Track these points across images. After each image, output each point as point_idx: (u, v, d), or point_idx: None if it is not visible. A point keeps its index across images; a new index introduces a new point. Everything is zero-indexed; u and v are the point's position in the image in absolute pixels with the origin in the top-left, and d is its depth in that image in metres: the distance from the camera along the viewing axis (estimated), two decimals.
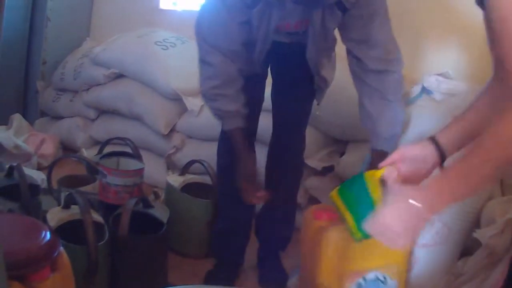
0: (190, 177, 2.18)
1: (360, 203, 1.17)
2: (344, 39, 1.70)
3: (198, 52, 1.74)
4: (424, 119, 1.82)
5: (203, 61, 1.73)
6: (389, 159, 1.18)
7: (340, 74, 1.91)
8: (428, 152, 1.15)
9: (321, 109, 2.04)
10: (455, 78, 1.98)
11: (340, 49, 1.78)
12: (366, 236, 1.08)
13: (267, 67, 1.90)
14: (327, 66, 1.82)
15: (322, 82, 1.84)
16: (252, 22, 1.67)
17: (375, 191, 1.16)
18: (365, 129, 1.74)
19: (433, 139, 1.16)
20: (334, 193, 1.23)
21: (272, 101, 1.95)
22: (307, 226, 1.60)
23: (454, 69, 2.01)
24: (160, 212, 1.83)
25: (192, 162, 2.21)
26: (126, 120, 2.88)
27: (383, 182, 1.14)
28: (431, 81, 1.90)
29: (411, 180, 1.15)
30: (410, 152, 1.17)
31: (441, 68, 1.99)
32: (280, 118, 1.95)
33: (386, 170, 1.15)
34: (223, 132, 1.85)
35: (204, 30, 1.71)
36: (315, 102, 1.93)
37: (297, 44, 1.75)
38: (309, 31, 1.66)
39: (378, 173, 1.16)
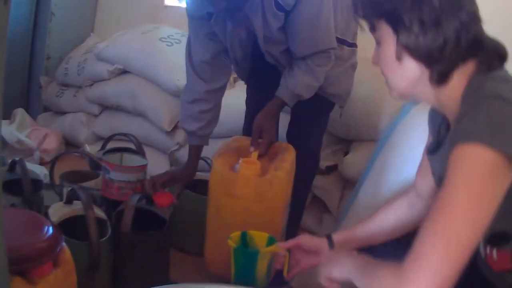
0: None
1: (245, 271, 1.31)
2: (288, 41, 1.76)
3: None
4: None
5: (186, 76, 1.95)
6: (287, 244, 1.33)
7: None
8: (322, 248, 1.31)
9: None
10: None
11: None
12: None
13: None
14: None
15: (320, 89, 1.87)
16: (216, 33, 1.80)
17: (261, 267, 1.30)
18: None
19: (329, 237, 1.32)
20: (231, 244, 1.32)
21: None
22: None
23: None
24: (163, 209, 1.82)
25: None
26: (130, 116, 2.87)
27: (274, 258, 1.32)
28: None
29: (300, 265, 1.33)
30: (306, 243, 1.32)
31: None
32: (293, 121, 2.00)
33: (280, 252, 1.31)
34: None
35: (186, 46, 1.91)
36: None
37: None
38: (256, 32, 1.74)
39: (270, 253, 1.31)
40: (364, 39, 1.98)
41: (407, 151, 1.84)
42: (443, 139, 1.11)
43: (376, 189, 1.90)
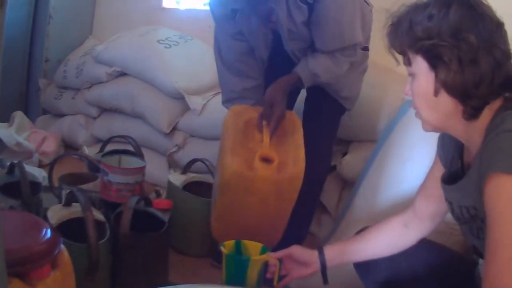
0: (192, 176, 2.18)
1: (235, 278, 1.32)
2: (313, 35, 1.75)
3: None
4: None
5: (218, 77, 1.93)
6: (278, 254, 1.34)
7: None
8: (312, 259, 1.34)
9: None
10: None
11: None
12: None
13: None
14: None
15: (330, 89, 1.87)
16: (242, 31, 1.79)
17: (252, 275, 1.31)
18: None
19: (321, 250, 1.34)
20: (223, 251, 1.34)
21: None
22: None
23: None
24: (162, 210, 1.83)
25: (194, 160, 2.21)
26: (128, 118, 2.87)
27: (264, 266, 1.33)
28: None
29: (290, 275, 1.36)
30: (297, 254, 1.35)
31: None
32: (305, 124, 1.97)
33: (270, 262, 1.33)
34: None
35: (214, 46, 1.89)
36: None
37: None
38: (278, 25, 1.72)
39: (260, 261, 1.32)
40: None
41: (406, 151, 1.84)
42: (457, 169, 1.14)
43: (374, 189, 1.90)
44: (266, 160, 1.64)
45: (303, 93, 2.01)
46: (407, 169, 1.80)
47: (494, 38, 0.99)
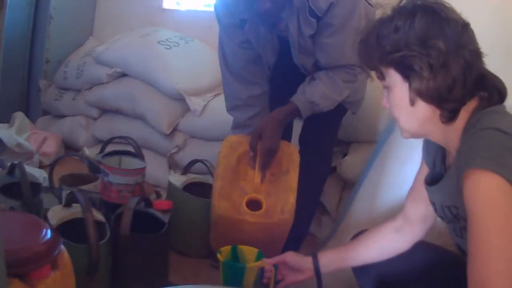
0: (192, 177, 2.18)
1: (233, 284, 1.34)
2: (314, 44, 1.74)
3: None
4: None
5: (223, 84, 1.92)
6: (273, 260, 1.36)
7: None
8: (306, 266, 1.36)
9: None
10: None
11: None
12: None
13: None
14: None
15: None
16: (250, 40, 1.79)
17: (248, 281, 1.33)
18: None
19: (315, 256, 1.36)
20: (220, 259, 1.35)
21: None
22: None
23: None
24: (162, 211, 1.83)
25: (194, 161, 2.21)
26: (129, 119, 2.87)
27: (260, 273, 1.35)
28: None
29: (285, 280, 1.38)
30: (291, 261, 1.37)
31: None
32: (306, 125, 1.98)
33: (266, 267, 1.34)
34: None
35: (219, 53, 1.88)
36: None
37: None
38: (289, 36, 1.72)
39: (256, 268, 1.34)
40: None
41: (406, 153, 1.84)
42: (440, 171, 1.16)
43: (374, 190, 1.90)
44: (254, 202, 1.66)
45: None
46: (407, 170, 1.80)
47: (462, 40, 1.00)
